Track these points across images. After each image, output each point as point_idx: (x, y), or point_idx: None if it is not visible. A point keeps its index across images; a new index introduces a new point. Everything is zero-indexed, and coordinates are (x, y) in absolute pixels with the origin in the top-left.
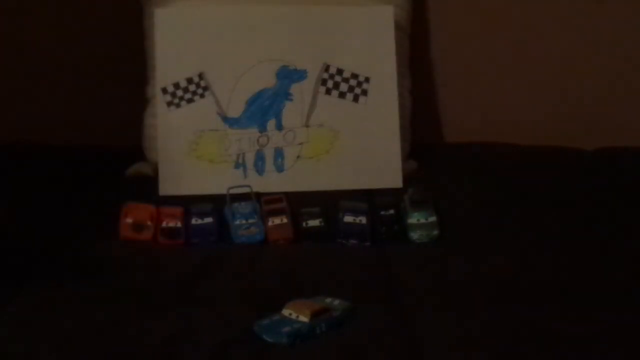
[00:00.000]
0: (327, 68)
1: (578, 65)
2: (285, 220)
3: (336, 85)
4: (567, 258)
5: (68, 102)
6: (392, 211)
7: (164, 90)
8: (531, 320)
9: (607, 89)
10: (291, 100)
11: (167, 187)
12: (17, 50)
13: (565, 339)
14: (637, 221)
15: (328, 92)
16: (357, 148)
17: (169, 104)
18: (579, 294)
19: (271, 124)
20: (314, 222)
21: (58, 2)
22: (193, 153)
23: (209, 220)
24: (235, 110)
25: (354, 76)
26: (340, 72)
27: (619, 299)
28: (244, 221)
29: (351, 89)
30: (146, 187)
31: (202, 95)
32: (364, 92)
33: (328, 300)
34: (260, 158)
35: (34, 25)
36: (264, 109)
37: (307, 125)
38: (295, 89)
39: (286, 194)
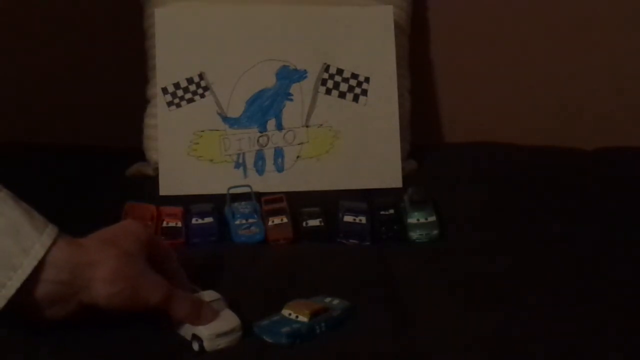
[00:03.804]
0: (327, 68)
1: (578, 65)
2: (285, 220)
3: (336, 85)
4: (567, 258)
5: (68, 102)
6: (392, 211)
7: (164, 90)
8: (532, 320)
9: (607, 89)
10: (291, 100)
11: (167, 187)
12: (16, 50)
13: (567, 339)
14: (637, 221)
15: (328, 92)
16: (357, 148)
17: (169, 104)
18: (580, 294)
19: (271, 123)
20: (314, 222)
21: (57, 2)
22: (193, 153)
23: (209, 220)
24: (235, 110)
25: (354, 76)
26: (340, 72)
27: (620, 300)
28: (244, 221)
29: (351, 89)
30: (146, 187)
31: (202, 95)
32: (364, 92)
33: (328, 300)
34: (260, 158)
35: (33, 25)
36: (264, 109)
37: (307, 125)
38: (295, 89)
39: (286, 193)
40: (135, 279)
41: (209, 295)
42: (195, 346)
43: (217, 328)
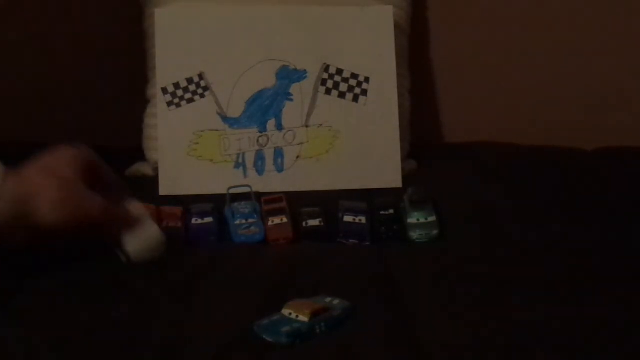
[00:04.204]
0: (327, 68)
1: (578, 65)
2: (285, 220)
3: (336, 85)
4: (567, 258)
5: (68, 102)
6: (391, 211)
7: (164, 90)
8: (532, 319)
9: (607, 89)
10: (291, 100)
11: (167, 187)
12: (17, 50)
13: (568, 339)
14: (637, 221)
15: (328, 92)
16: (357, 148)
17: (169, 104)
18: (580, 294)
19: (271, 124)
20: (314, 222)
21: (57, 2)
22: (193, 153)
23: (209, 220)
24: (235, 110)
25: (354, 76)
26: (340, 72)
27: (621, 299)
28: (244, 221)
29: (351, 89)
30: (146, 187)
31: (202, 95)
32: (364, 92)
33: (328, 300)
34: (260, 158)
35: (33, 25)
36: (264, 109)
37: (307, 125)
38: (295, 89)
39: (286, 193)
40: (75, 202)
41: (137, 209)
42: (123, 257)
43: (141, 240)
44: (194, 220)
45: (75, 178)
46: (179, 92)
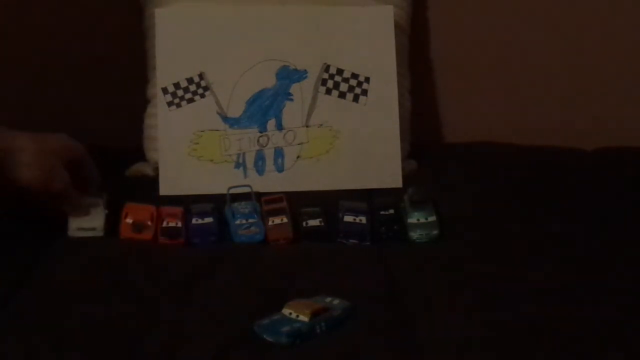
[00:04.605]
0: (327, 68)
1: (578, 65)
2: (285, 220)
3: (336, 85)
4: (567, 258)
5: (68, 102)
6: (392, 211)
7: (164, 90)
8: (532, 320)
9: (607, 89)
10: (291, 100)
11: (167, 187)
12: (17, 50)
13: (568, 339)
14: (637, 221)
15: (328, 92)
16: (357, 148)
17: (169, 104)
18: (580, 294)
19: (271, 123)
20: (314, 222)
21: (57, 2)
22: (193, 153)
23: (209, 220)
24: (236, 110)
25: (354, 76)
26: (340, 72)
27: (620, 300)
28: (244, 221)
29: (351, 89)
30: (146, 187)
31: (202, 95)
32: (364, 92)
33: (328, 299)
34: (260, 158)
35: (33, 25)
36: (264, 109)
37: (307, 125)
38: (295, 89)
39: (286, 193)
40: (46, 170)
41: (95, 201)
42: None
43: (82, 222)
44: (194, 220)
45: (57, 155)
46: (179, 92)
